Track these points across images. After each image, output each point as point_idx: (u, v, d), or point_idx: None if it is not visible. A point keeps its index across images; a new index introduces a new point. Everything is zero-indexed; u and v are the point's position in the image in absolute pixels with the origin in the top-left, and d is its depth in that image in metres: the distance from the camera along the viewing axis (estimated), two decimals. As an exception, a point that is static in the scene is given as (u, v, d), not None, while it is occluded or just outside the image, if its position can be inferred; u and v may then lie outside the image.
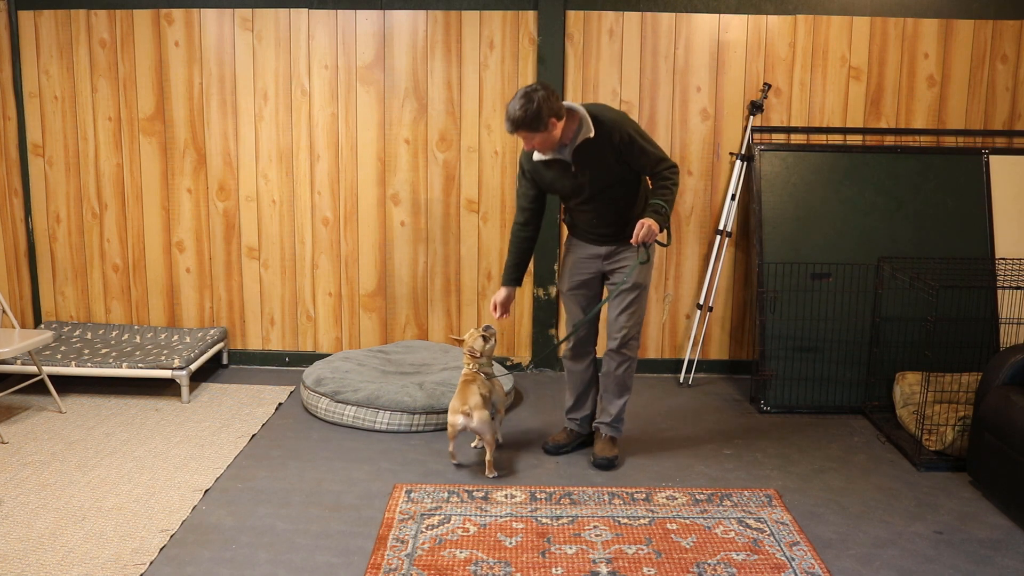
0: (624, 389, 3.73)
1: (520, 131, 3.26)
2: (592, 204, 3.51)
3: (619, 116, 3.43)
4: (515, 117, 3.22)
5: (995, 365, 3.50)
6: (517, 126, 3.24)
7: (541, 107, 3.20)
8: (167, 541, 3.02)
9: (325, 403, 4.18)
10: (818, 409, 4.45)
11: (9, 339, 4.05)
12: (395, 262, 4.96)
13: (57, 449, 3.82)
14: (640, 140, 3.40)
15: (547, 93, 3.24)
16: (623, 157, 3.40)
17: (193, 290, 5.04)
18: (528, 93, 3.23)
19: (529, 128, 3.24)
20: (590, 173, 3.42)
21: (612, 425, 3.76)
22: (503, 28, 4.70)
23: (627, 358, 3.68)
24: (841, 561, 2.95)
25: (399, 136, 4.83)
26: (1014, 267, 4.32)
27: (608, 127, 3.35)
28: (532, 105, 3.20)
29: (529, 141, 3.32)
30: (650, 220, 3.35)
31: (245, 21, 4.77)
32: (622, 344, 3.64)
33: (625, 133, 3.37)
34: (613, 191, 3.49)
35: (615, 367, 3.69)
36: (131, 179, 4.95)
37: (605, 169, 3.42)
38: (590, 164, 3.40)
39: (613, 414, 3.75)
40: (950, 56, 4.71)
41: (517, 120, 3.22)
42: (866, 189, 4.61)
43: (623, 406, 3.75)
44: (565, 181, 3.48)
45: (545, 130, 3.25)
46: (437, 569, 2.86)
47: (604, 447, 3.74)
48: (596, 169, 3.41)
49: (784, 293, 4.47)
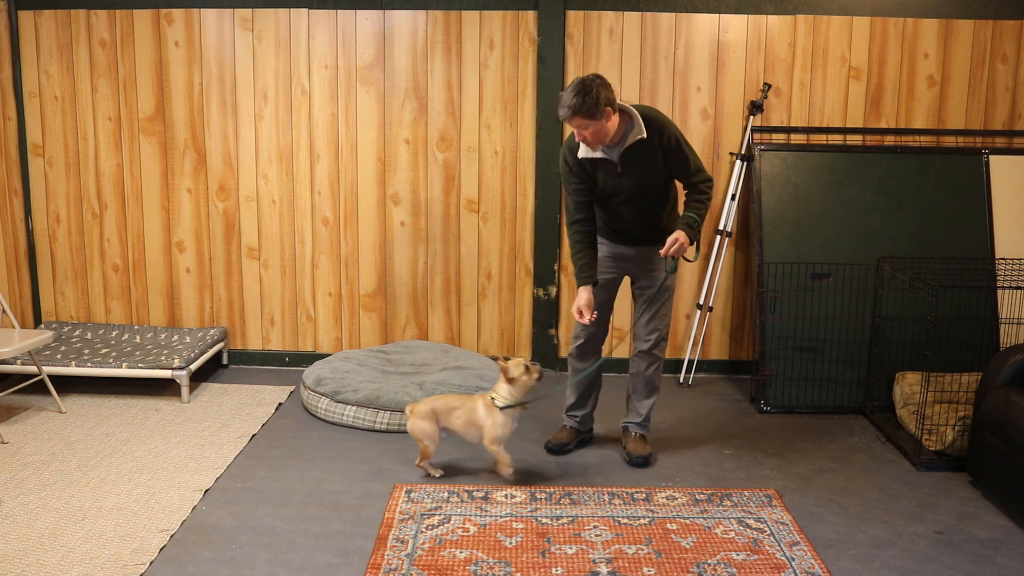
0: (653, 389, 3.80)
1: (576, 118, 3.19)
2: (630, 206, 3.48)
3: (665, 119, 3.40)
4: (572, 103, 3.16)
5: (995, 365, 3.50)
6: (574, 112, 3.16)
7: (599, 95, 3.15)
8: (167, 541, 3.02)
9: (325, 403, 4.18)
10: (818, 409, 4.45)
11: (9, 339, 4.05)
12: (395, 262, 4.96)
13: (57, 449, 3.82)
14: (684, 146, 3.40)
15: (604, 83, 3.20)
16: (668, 160, 3.38)
17: (193, 290, 5.04)
18: (585, 81, 3.18)
19: (586, 115, 3.17)
20: (635, 175, 3.39)
21: (642, 424, 3.84)
22: (503, 28, 4.71)
23: (657, 359, 3.73)
24: (841, 561, 2.95)
25: (399, 136, 4.83)
26: (1014, 267, 4.32)
27: (659, 129, 3.33)
28: (591, 92, 3.15)
29: (582, 131, 3.25)
30: (683, 234, 3.35)
31: (245, 21, 4.77)
32: (653, 346, 3.69)
33: (672, 136, 3.36)
34: (652, 194, 3.47)
35: (645, 368, 3.74)
36: (131, 179, 4.95)
37: (651, 172, 3.39)
38: (637, 166, 3.37)
39: (643, 414, 3.82)
40: (950, 56, 4.71)
41: (575, 106, 3.15)
42: (866, 189, 4.61)
43: (652, 405, 3.83)
44: (608, 181, 3.43)
45: (601, 118, 3.20)
46: (437, 569, 2.86)
47: (638, 446, 3.79)
48: (641, 171, 3.38)
49: (784, 293, 4.47)
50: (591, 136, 3.26)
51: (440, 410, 3.52)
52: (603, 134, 3.27)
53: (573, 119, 3.20)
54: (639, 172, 3.38)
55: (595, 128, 3.23)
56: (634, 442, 3.81)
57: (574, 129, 3.28)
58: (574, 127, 3.26)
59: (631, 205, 3.47)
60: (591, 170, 3.44)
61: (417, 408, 3.52)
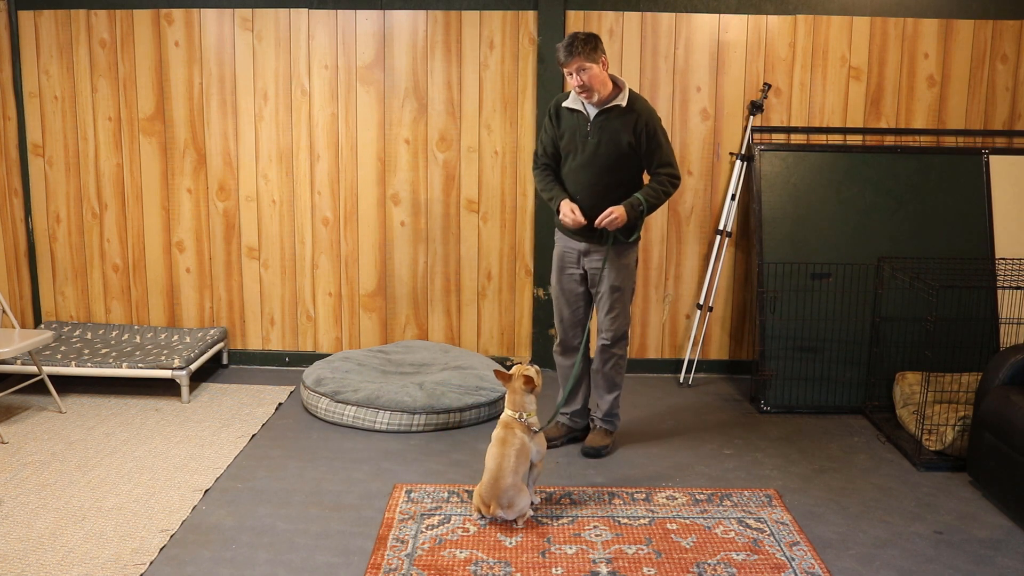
0: (613, 385, 3.84)
1: (575, 57, 3.32)
2: (584, 172, 3.53)
3: (652, 108, 3.55)
4: (571, 44, 3.32)
5: (995, 365, 3.50)
6: (575, 51, 3.31)
7: (597, 42, 3.35)
8: (167, 541, 3.02)
9: (325, 403, 4.18)
10: (818, 409, 4.45)
11: (9, 339, 4.05)
12: (395, 262, 4.96)
13: (57, 449, 3.82)
14: (661, 137, 3.50)
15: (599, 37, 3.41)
16: (637, 142, 3.47)
17: (193, 290, 5.04)
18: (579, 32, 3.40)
19: (584, 54, 3.32)
20: (600, 140, 3.48)
21: (604, 419, 3.89)
22: (503, 28, 4.70)
23: (614, 355, 3.79)
24: (841, 561, 2.95)
25: (399, 136, 4.83)
26: (1014, 267, 4.32)
27: (638, 111, 3.47)
28: (590, 37, 3.35)
29: (580, 75, 3.36)
30: (620, 209, 3.44)
31: (245, 21, 4.77)
32: (610, 344, 3.75)
33: (651, 123, 3.48)
34: (609, 171, 3.52)
35: (602, 364, 3.81)
36: (131, 179, 4.95)
37: (615, 142, 3.47)
38: (607, 131, 3.47)
39: (604, 409, 3.88)
40: (950, 56, 4.71)
41: (576, 45, 3.31)
42: (866, 189, 4.61)
43: (613, 401, 3.86)
44: (577, 136, 3.53)
45: (598, 62, 3.36)
46: (437, 569, 2.86)
47: (594, 437, 3.86)
48: (609, 138, 3.47)
49: (784, 293, 4.47)
50: (589, 80, 3.37)
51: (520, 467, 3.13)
52: (598, 82, 3.39)
53: (573, 59, 3.32)
54: (606, 137, 3.47)
55: (591, 74, 3.36)
56: (593, 434, 3.88)
57: (573, 74, 3.38)
58: (573, 69, 3.36)
59: (586, 172, 3.53)
60: (566, 120, 3.56)
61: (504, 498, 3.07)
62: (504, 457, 3.09)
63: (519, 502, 3.08)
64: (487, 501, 3.09)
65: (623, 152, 3.49)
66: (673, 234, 4.88)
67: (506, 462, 3.09)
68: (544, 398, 4.57)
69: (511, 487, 3.06)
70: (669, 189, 3.51)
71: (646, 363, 5.01)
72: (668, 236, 4.88)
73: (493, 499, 3.07)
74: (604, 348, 3.76)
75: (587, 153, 3.51)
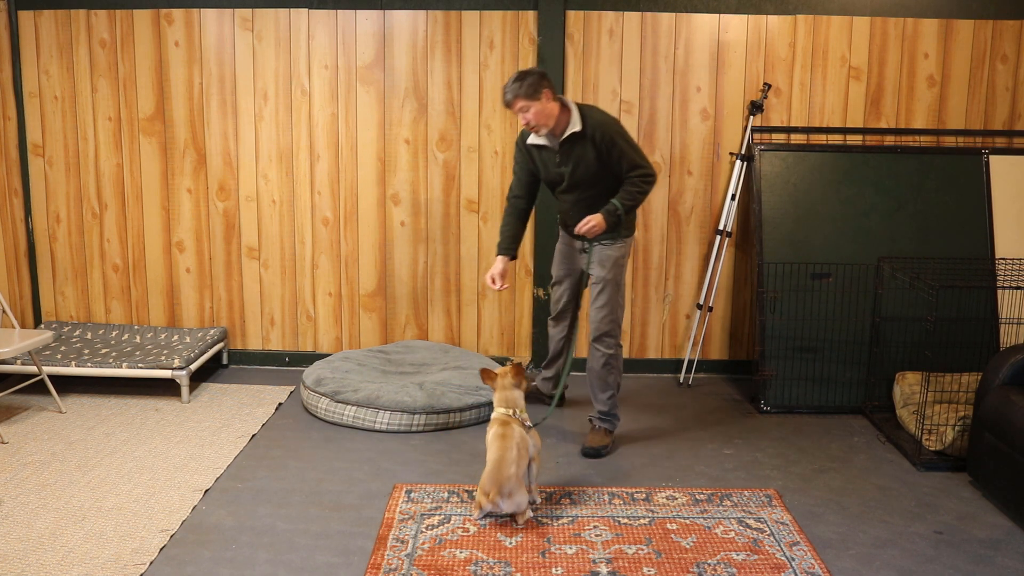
0: (606, 385, 3.87)
1: (517, 100, 3.49)
2: (571, 195, 3.74)
3: (606, 118, 3.64)
4: (512, 86, 3.49)
5: (995, 365, 3.50)
6: (515, 94, 3.48)
7: (537, 79, 3.48)
8: (167, 541, 3.02)
9: (325, 403, 4.18)
10: (818, 409, 4.45)
11: (9, 339, 4.05)
12: (395, 262, 4.96)
13: (57, 449, 3.82)
14: (621, 143, 3.59)
15: (541, 73, 3.54)
16: (603, 156, 3.59)
17: (193, 290, 5.04)
18: (523, 70, 3.56)
19: (526, 96, 3.47)
20: (572, 164, 3.64)
21: (603, 417, 3.91)
22: (503, 28, 4.71)
23: (604, 354, 3.82)
24: (841, 561, 2.95)
25: (399, 136, 4.83)
26: (1014, 267, 4.32)
27: (592, 126, 3.57)
28: (528, 76, 3.49)
29: (524, 114, 3.51)
30: (598, 217, 3.59)
31: (245, 21, 4.77)
32: (596, 338, 3.82)
33: (607, 135, 3.57)
34: (591, 188, 3.67)
35: (594, 362, 3.86)
36: (131, 179, 4.95)
37: (586, 164, 3.62)
38: (574, 156, 3.63)
39: (600, 409, 3.91)
40: (950, 56, 4.71)
41: (513, 88, 3.48)
42: (866, 189, 4.61)
43: (607, 401, 3.88)
44: (551, 169, 3.73)
45: (540, 99, 3.48)
46: (437, 569, 2.86)
47: (594, 437, 3.87)
48: (578, 162, 3.63)
49: (784, 293, 4.47)
50: (534, 117, 3.51)
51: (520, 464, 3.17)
52: (544, 116, 3.52)
53: (515, 101, 3.49)
54: (575, 162, 3.63)
55: (536, 109, 3.49)
56: (593, 434, 3.90)
57: (519, 115, 3.54)
58: (517, 110, 3.52)
59: (571, 194, 3.73)
60: (537, 156, 3.76)
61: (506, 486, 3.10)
62: (506, 449, 3.13)
63: (518, 494, 3.11)
64: (488, 490, 3.10)
65: (595, 170, 3.63)
66: (673, 234, 4.88)
67: (508, 454, 3.12)
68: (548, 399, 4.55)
69: (512, 477, 3.10)
70: (643, 188, 3.63)
71: (646, 363, 5.01)
72: (668, 236, 4.88)
73: (495, 487, 3.08)
74: (593, 341, 3.83)
75: (565, 181, 3.70)
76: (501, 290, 3.84)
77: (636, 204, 3.64)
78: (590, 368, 3.88)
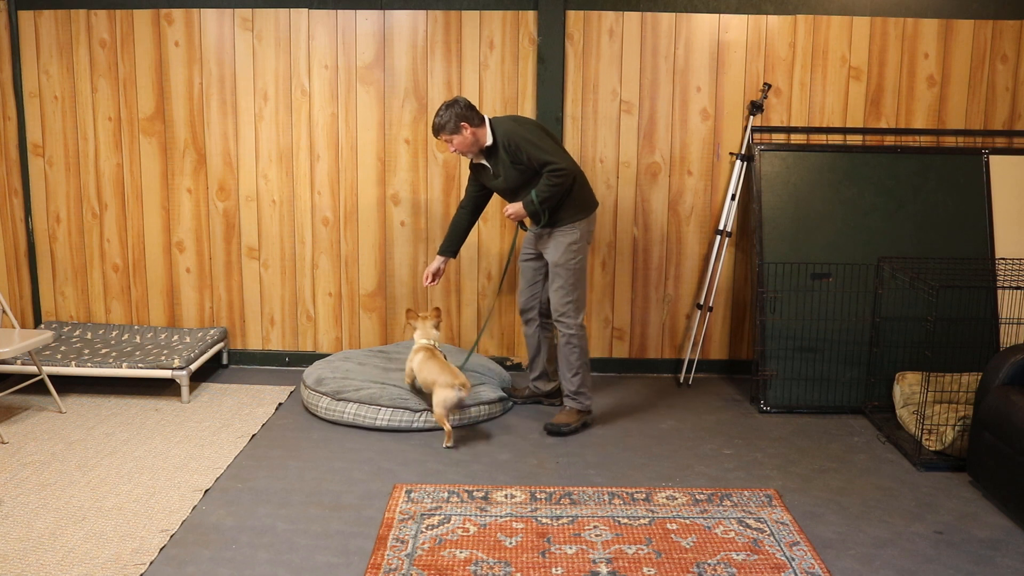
0: (569, 364, 4.09)
1: (441, 135, 3.91)
2: (513, 198, 4.05)
3: (511, 126, 3.97)
4: (435, 124, 3.92)
5: (995, 365, 3.50)
6: (437, 131, 3.92)
7: (454, 115, 3.85)
8: (167, 541, 3.02)
9: (326, 402, 4.18)
10: (818, 409, 4.45)
11: (9, 339, 4.05)
12: (395, 262, 4.96)
13: (57, 449, 3.82)
14: (527, 146, 3.89)
15: (462, 104, 3.89)
16: (517, 161, 3.92)
17: (193, 290, 5.04)
18: (446, 103, 3.91)
19: (447, 131, 3.89)
20: (502, 173, 3.99)
21: (572, 397, 4.13)
22: (503, 28, 4.71)
23: (564, 335, 4.07)
24: (841, 561, 2.95)
25: (399, 136, 4.83)
26: (1014, 267, 4.32)
27: (500, 136, 3.93)
28: (451, 108, 3.87)
29: (449, 145, 3.94)
30: (518, 205, 3.98)
31: (245, 21, 4.77)
32: (556, 319, 4.08)
33: (513, 141, 3.90)
34: (523, 188, 3.97)
35: (560, 342, 4.12)
36: (131, 179, 4.95)
37: (510, 170, 3.95)
38: (500, 166, 3.98)
39: (568, 389, 4.13)
40: (950, 56, 4.71)
41: (436, 126, 3.91)
42: (866, 189, 4.61)
43: (573, 380, 4.10)
44: (489, 180, 4.09)
45: (460, 133, 3.88)
46: (437, 569, 2.86)
47: (559, 415, 4.13)
48: (505, 170, 3.97)
49: (784, 293, 4.47)
50: (457, 147, 3.94)
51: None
52: (466, 145, 3.93)
53: (439, 135, 3.93)
54: (503, 170, 3.98)
55: (459, 141, 3.91)
56: (560, 412, 4.15)
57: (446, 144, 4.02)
58: (443, 141, 3.95)
59: (514, 196, 4.05)
60: (478, 171, 4.15)
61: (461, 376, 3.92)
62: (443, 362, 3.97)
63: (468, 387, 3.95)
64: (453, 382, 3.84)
65: (517, 173, 3.95)
66: (673, 234, 4.88)
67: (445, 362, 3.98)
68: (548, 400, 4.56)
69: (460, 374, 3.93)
70: (555, 181, 3.88)
71: (646, 363, 5.01)
72: (668, 236, 4.88)
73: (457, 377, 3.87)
74: (556, 322, 4.09)
75: (501, 186, 4.06)
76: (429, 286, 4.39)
77: (551, 195, 3.90)
78: (558, 346, 4.14)
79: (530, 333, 4.36)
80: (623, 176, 4.83)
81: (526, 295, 4.31)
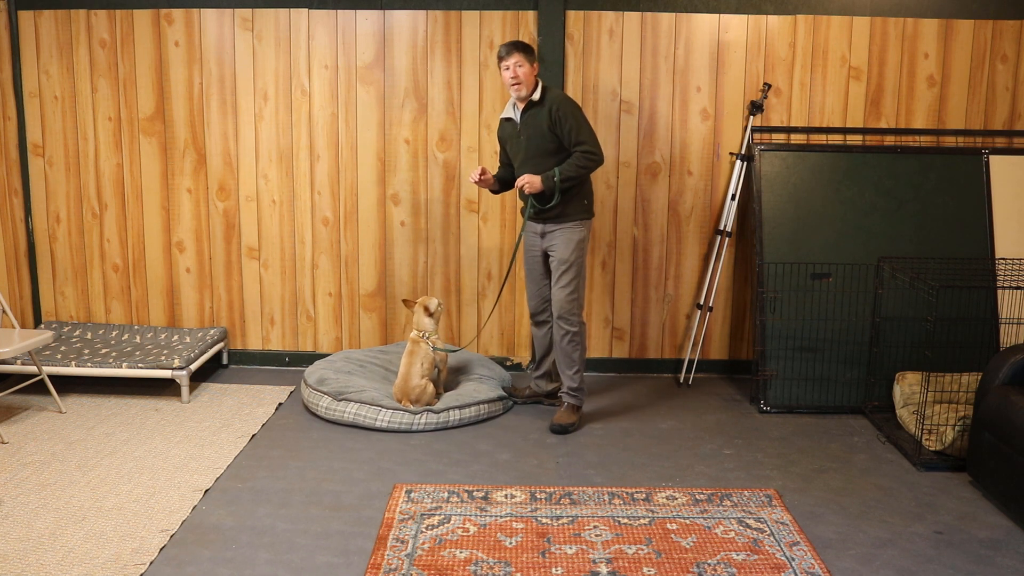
0: (571, 361, 4.11)
1: (515, 53, 3.87)
2: (525, 165, 4.02)
3: (566, 97, 4.00)
4: (512, 42, 3.93)
5: (995, 365, 3.50)
6: (516, 46, 3.88)
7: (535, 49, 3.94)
8: (167, 541, 3.02)
9: (327, 402, 4.18)
10: (818, 409, 4.45)
11: (9, 339, 4.05)
12: (395, 262, 4.96)
13: (57, 449, 3.82)
14: (573, 120, 3.91)
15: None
16: (555, 127, 3.92)
17: (193, 290, 5.04)
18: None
19: (524, 51, 3.89)
20: (528, 134, 3.99)
21: (570, 394, 4.15)
22: (503, 28, 4.70)
23: (567, 331, 4.08)
24: (841, 561, 2.95)
25: (399, 136, 4.83)
26: (1014, 267, 4.32)
27: (551, 99, 3.94)
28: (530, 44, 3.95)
29: (517, 68, 3.88)
30: (534, 177, 3.93)
31: (245, 21, 4.77)
32: (560, 316, 4.08)
33: (562, 108, 3.91)
34: (543, 158, 3.97)
35: (559, 338, 4.12)
36: (131, 179, 4.95)
37: (540, 134, 3.95)
38: (530, 126, 3.98)
39: (569, 385, 4.14)
40: (950, 56, 4.71)
41: (516, 44, 3.90)
42: (866, 189, 4.61)
43: (574, 377, 4.12)
44: (512, 139, 4.09)
45: (533, 62, 3.92)
46: (437, 569, 2.86)
47: (562, 415, 4.14)
48: (532, 132, 3.97)
49: (784, 293, 4.47)
50: (521, 75, 3.89)
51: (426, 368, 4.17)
52: (529, 77, 3.92)
53: (513, 53, 3.87)
54: (531, 132, 3.98)
55: (526, 71, 3.89)
56: (561, 411, 4.16)
57: (509, 67, 3.89)
58: (511, 63, 3.88)
59: (525, 164, 4.02)
60: (504, 129, 4.14)
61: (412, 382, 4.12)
62: (411, 365, 4.12)
63: (424, 398, 4.11)
64: (399, 397, 4.11)
65: (546, 137, 3.94)
66: (673, 234, 4.88)
67: (413, 368, 4.12)
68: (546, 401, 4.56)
69: (417, 387, 4.10)
70: (584, 163, 3.91)
71: (646, 363, 5.01)
72: (668, 236, 4.88)
73: (404, 396, 4.09)
74: (558, 320, 4.08)
75: (521, 147, 4.03)
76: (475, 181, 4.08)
77: (575, 176, 3.91)
78: (556, 343, 4.14)
79: (542, 335, 4.34)
80: (623, 176, 4.83)
81: (536, 298, 4.27)
